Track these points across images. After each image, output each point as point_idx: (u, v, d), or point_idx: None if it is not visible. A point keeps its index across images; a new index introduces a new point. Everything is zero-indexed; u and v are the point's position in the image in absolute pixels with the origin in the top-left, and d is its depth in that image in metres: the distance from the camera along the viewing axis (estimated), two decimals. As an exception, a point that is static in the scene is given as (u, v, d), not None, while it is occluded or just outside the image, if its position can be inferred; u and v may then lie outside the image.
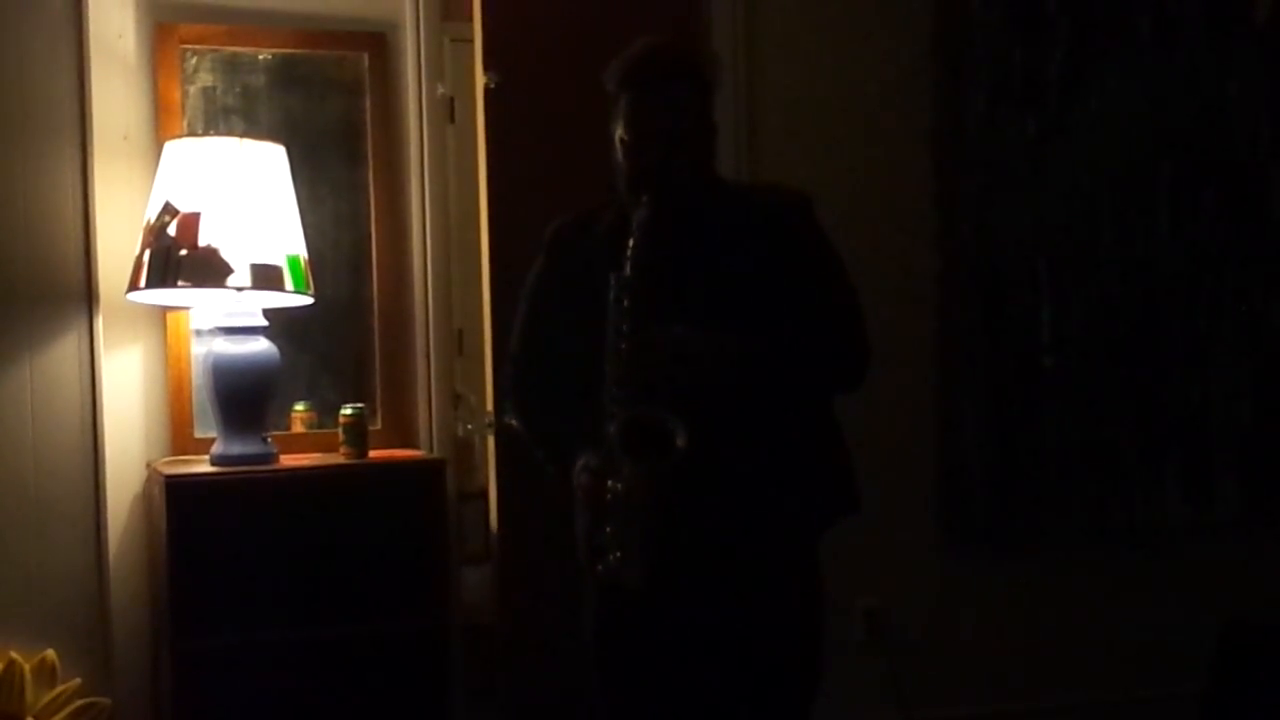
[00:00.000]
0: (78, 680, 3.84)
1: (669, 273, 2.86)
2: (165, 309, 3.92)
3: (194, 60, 4.02)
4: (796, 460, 2.96)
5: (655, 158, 2.88)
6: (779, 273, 2.92)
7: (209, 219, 3.60)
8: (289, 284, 3.69)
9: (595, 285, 2.86)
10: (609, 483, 2.82)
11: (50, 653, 3.82)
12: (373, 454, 3.90)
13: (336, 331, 4.16)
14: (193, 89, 4.02)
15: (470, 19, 4.14)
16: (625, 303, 2.80)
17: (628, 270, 2.81)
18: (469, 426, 4.82)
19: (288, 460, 3.81)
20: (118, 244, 3.86)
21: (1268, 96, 4.95)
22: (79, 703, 3.81)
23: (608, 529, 2.84)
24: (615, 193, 2.99)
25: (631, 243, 2.82)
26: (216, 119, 4.05)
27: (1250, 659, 4.20)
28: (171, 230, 3.60)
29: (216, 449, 3.74)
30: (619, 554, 2.83)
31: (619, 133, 2.93)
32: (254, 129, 4.01)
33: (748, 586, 2.96)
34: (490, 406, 4.12)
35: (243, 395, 3.71)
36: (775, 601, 2.98)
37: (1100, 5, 4.76)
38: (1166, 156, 4.84)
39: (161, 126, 3.94)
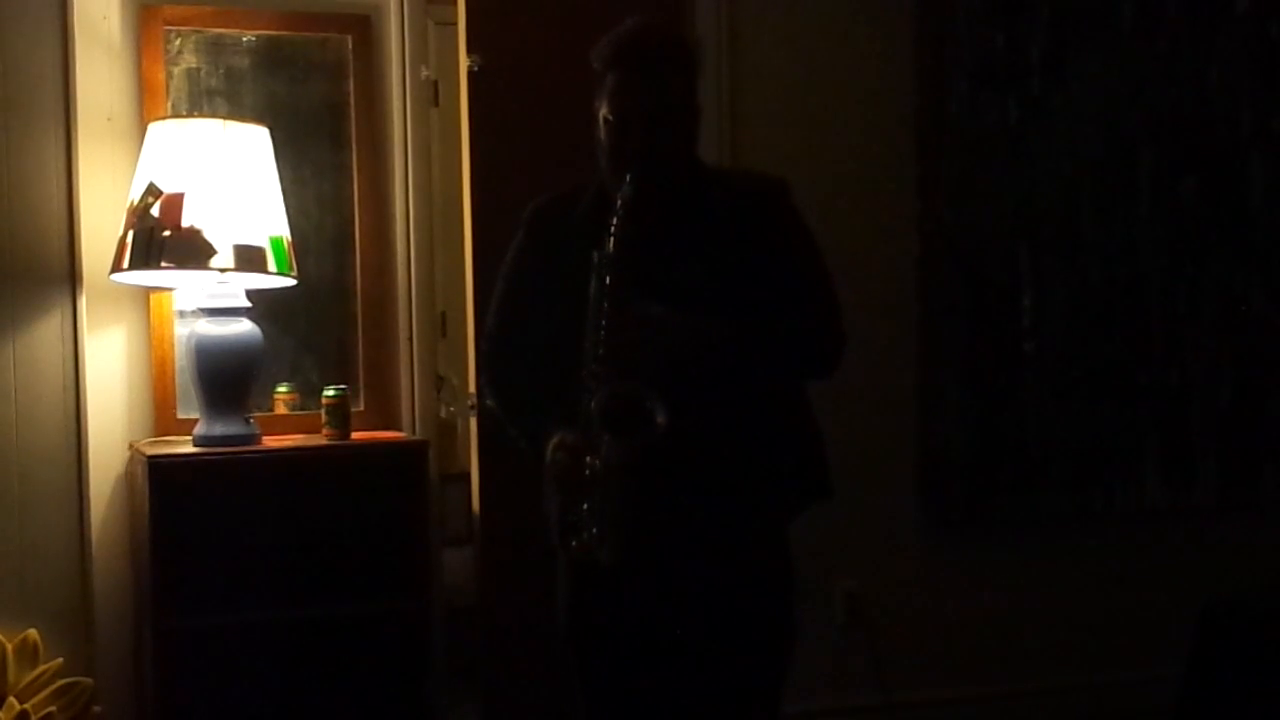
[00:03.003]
0: (60, 660, 3.85)
1: (650, 252, 2.86)
2: (148, 290, 3.93)
3: (178, 41, 4.02)
4: (769, 444, 2.96)
5: (638, 138, 2.87)
6: (755, 257, 2.92)
7: (192, 200, 3.61)
8: (272, 265, 3.70)
9: (574, 264, 2.85)
10: (586, 459, 2.82)
11: (32, 633, 3.83)
12: (355, 435, 3.91)
13: (319, 313, 4.17)
14: (176, 70, 4.02)
15: (454, 2, 4.14)
16: (607, 280, 2.80)
17: (610, 248, 2.81)
18: (451, 409, 4.84)
19: (270, 441, 3.83)
20: (101, 225, 3.86)
21: (1248, 83, 4.96)
22: (61, 682, 3.82)
23: (584, 506, 2.84)
24: (597, 172, 2.99)
25: (615, 221, 2.81)
26: (200, 100, 4.05)
27: (1229, 642, 4.22)
28: (155, 211, 3.61)
29: (199, 430, 3.75)
30: (595, 530, 2.84)
31: (603, 112, 2.91)
32: (238, 110, 4.02)
33: (718, 567, 2.97)
34: (472, 389, 4.12)
35: (225, 376, 3.72)
36: (744, 583, 2.99)
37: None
38: (1148, 143, 4.85)
39: (145, 108, 3.94)
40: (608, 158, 2.92)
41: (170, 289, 3.93)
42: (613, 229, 2.81)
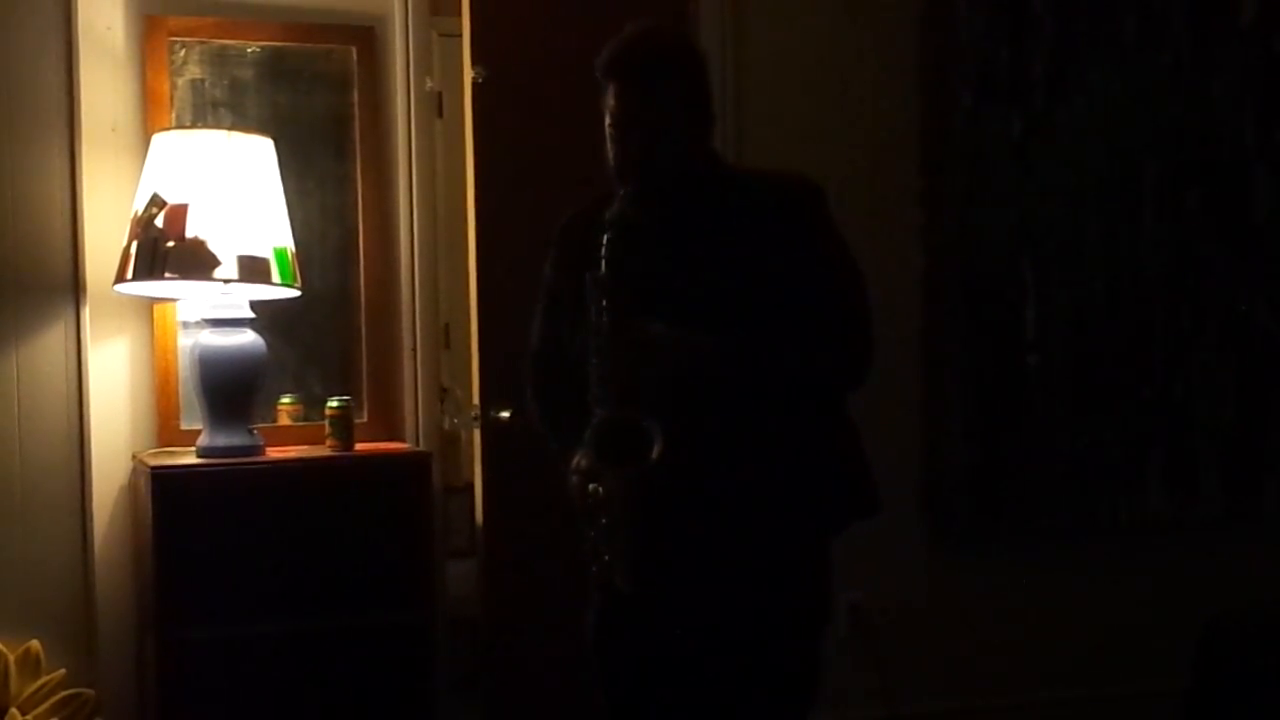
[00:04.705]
0: (62, 671, 3.84)
1: (652, 268, 2.81)
2: (152, 301, 3.92)
3: (182, 53, 4.02)
4: (796, 461, 2.88)
5: (637, 148, 2.83)
6: (779, 264, 2.84)
7: (196, 211, 3.60)
8: (276, 277, 3.69)
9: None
10: (590, 486, 2.79)
11: (35, 644, 3.83)
12: (359, 447, 3.90)
13: (323, 324, 4.16)
14: (181, 81, 4.02)
15: (458, 14, 4.15)
16: (603, 301, 2.76)
17: (602, 268, 2.76)
18: (455, 420, 4.83)
19: (274, 452, 3.82)
20: (105, 236, 3.86)
21: (1252, 96, 4.97)
22: (63, 694, 3.81)
23: (592, 533, 2.83)
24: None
25: (605, 239, 2.77)
26: (205, 111, 4.05)
27: (1233, 655, 4.21)
28: (159, 222, 3.61)
29: (202, 441, 3.74)
30: (607, 557, 2.82)
31: (607, 121, 2.88)
32: (242, 121, 4.01)
33: (742, 590, 2.89)
34: (476, 400, 4.12)
35: (229, 387, 3.71)
36: (772, 605, 2.91)
37: (1085, 4, 4.77)
38: (1151, 156, 4.85)
39: (150, 119, 3.94)
40: (613, 167, 2.89)
41: (174, 300, 3.92)
42: (603, 247, 2.77)
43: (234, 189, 3.66)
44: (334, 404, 3.87)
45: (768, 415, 2.85)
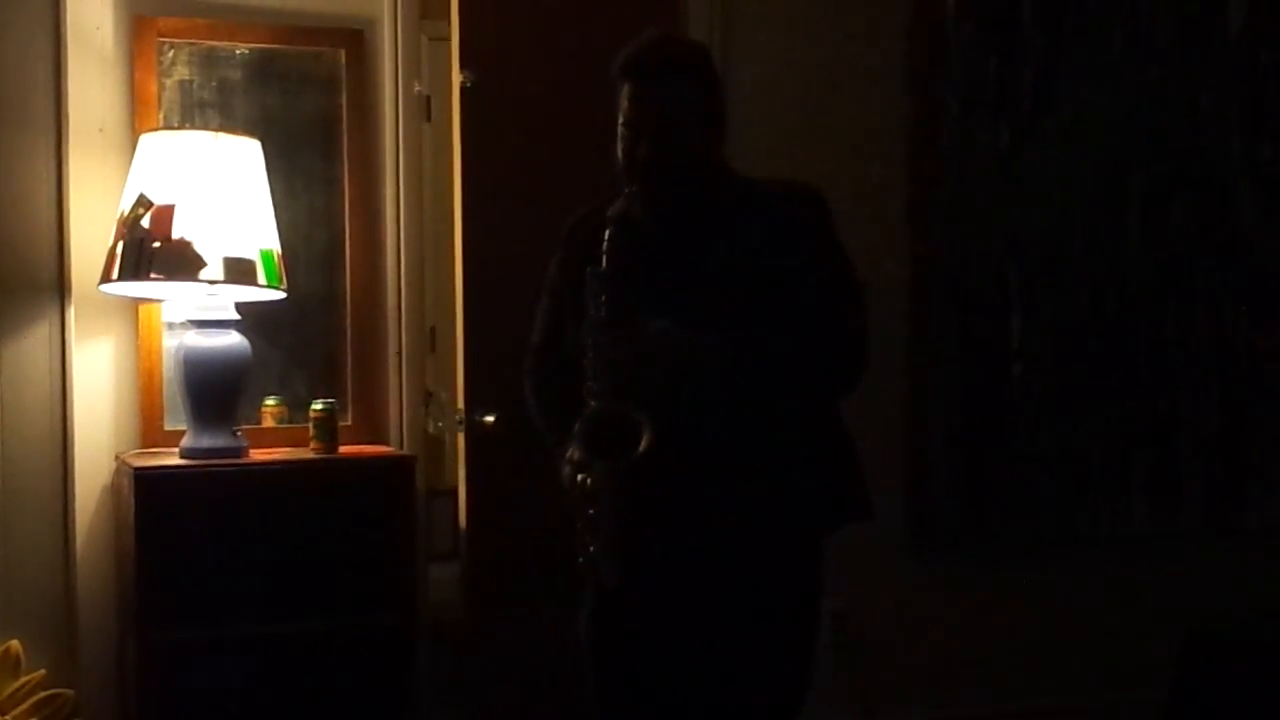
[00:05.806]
0: (42, 671, 3.83)
1: (653, 266, 2.85)
2: (137, 301, 3.92)
3: (171, 53, 4.02)
4: (789, 461, 2.91)
5: (647, 149, 2.85)
6: (780, 268, 2.87)
7: (183, 212, 3.60)
8: (262, 278, 3.69)
9: None
10: (578, 477, 2.82)
11: (15, 643, 3.81)
12: (343, 449, 3.90)
13: (309, 327, 4.16)
14: (169, 82, 4.02)
15: (447, 18, 4.15)
16: (602, 296, 2.80)
17: (603, 264, 2.80)
18: (439, 424, 4.83)
19: (257, 454, 3.82)
20: (91, 235, 3.85)
21: (1239, 107, 4.98)
22: (43, 694, 3.79)
23: (579, 524, 2.85)
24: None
25: (607, 235, 2.80)
26: (192, 112, 4.05)
27: (1214, 666, 4.23)
28: (145, 223, 3.60)
29: (186, 442, 3.74)
30: (592, 549, 2.84)
31: (620, 121, 2.90)
32: (230, 123, 4.01)
33: (731, 588, 2.91)
34: (461, 404, 4.12)
35: (213, 388, 3.71)
36: (763, 605, 2.93)
37: (1074, 15, 4.79)
38: (1138, 166, 4.87)
39: (137, 119, 3.94)
40: (621, 167, 2.91)
41: (159, 300, 3.92)
42: (604, 245, 2.80)
43: (221, 190, 3.65)
44: (318, 406, 3.87)
45: (762, 416, 2.89)
